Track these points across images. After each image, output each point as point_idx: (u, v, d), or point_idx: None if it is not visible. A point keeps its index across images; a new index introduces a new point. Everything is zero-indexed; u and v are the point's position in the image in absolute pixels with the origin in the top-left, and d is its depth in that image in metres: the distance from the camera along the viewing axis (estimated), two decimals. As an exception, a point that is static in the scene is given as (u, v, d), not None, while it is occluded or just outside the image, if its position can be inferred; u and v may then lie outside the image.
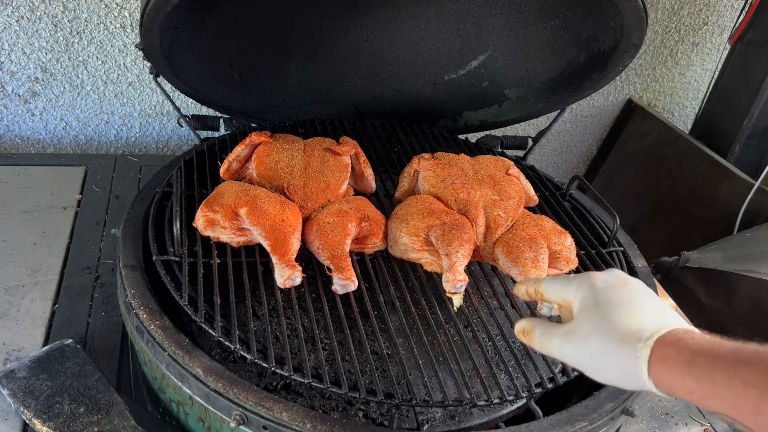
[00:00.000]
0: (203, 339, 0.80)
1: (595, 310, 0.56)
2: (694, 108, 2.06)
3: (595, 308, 0.56)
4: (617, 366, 0.53)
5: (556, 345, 0.58)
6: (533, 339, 0.61)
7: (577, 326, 0.57)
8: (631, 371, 0.52)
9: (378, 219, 0.93)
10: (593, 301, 0.57)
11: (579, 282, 0.60)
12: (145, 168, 1.42)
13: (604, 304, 0.56)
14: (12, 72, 1.40)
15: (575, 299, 0.60)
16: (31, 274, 1.06)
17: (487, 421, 0.79)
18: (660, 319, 0.54)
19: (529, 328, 0.62)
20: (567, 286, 0.61)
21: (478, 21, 1.25)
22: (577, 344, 0.56)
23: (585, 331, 0.56)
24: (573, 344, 0.57)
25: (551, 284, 0.64)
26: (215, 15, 1.11)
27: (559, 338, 0.58)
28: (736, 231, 1.58)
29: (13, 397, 0.78)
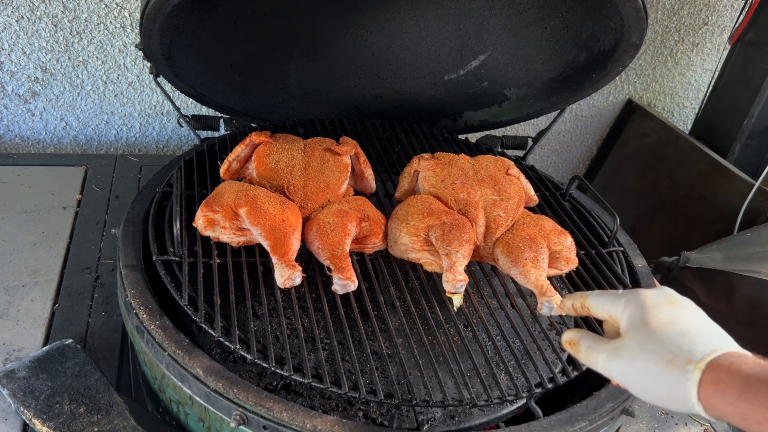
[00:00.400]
0: (203, 339, 0.81)
1: (644, 328, 0.55)
2: (694, 108, 2.06)
3: (644, 326, 0.55)
4: (665, 387, 0.52)
5: (602, 360, 0.58)
6: (579, 351, 0.61)
7: (625, 343, 0.56)
8: (679, 393, 0.51)
9: (378, 219, 0.93)
10: (642, 319, 0.56)
11: (627, 299, 0.59)
12: (145, 168, 1.42)
13: (654, 322, 0.55)
14: (12, 72, 1.40)
15: (623, 316, 0.58)
16: (31, 274, 1.06)
17: (487, 421, 0.79)
18: (712, 341, 0.53)
19: (575, 339, 0.62)
20: (614, 302, 0.60)
21: (478, 21, 1.25)
22: (623, 361, 0.56)
23: (633, 349, 0.55)
24: (619, 361, 0.56)
25: (598, 299, 0.62)
26: (215, 15, 1.11)
27: (605, 353, 0.57)
28: (736, 231, 1.57)
29: (13, 397, 0.78)
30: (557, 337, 0.88)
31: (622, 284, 0.95)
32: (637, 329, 0.56)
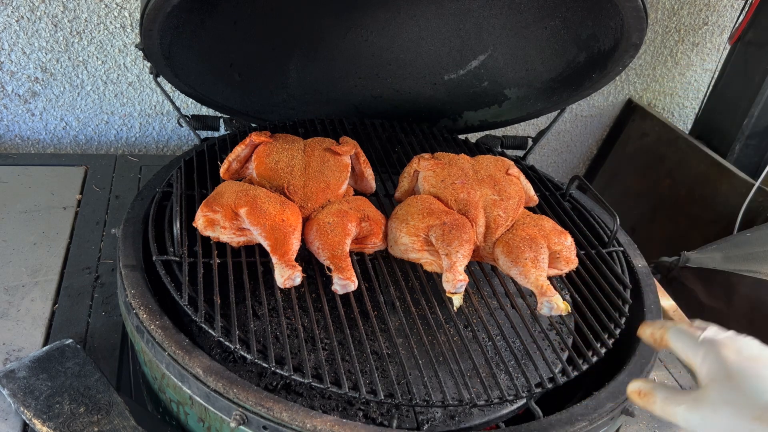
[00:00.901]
0: (203, 339, 0.81)
1: (727, 382, 0.55)
2: (694, 108, 2.06)
3: (727, 380, 0.55)
4: None
5: (681, 413, 0.57)
6: (653, 403, 0.60)
7: (707, 396, 0.55)
8: None
9: (378, 219, 0.93)
10: (724, 372, 0.55)
11: (707, 350, 0.58)
12: (145, 168, 1.42)
13: (738, 376, 0.54)
14: (12, 72, 1.40)
15: (702, 367, 0.58)
16: (31, 274, 1.06)
17: (487, 421, 0.79)
18: None
19: (647, 390, 0.61)
20: (694, 350, 0.59)
21: (478, 21, 1.25)
22: (705, 415, 0.55)
23: (716, 403, 0.54)
24: (701, 415, 0.55)
25: (679, 338, 0.62)
26: (215, 15, 1.11)
27: (684, 406, 0.57)
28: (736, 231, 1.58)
29: (13, 397, 0.78)
30: (557, 337, 0.89)
31: (622, 284, 0.95)
32: (720, 382, 0.55)
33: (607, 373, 0.85)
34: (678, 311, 1.16)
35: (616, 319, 0.88)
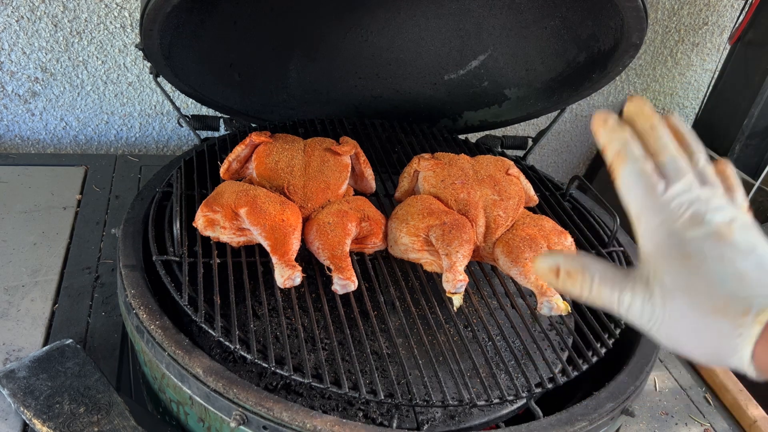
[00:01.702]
0: (203, 339, 0.81)
1: (683, 262, 0.42)
2: (694, 108, 2.06)
3: (682, 259, 0.42)
4: (707, 340, 0.42)
5: (624, 300, 0.45)
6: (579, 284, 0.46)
7: (656, 278, 0.43)
8: (726, 349, 0.41)
9: (378, 219, 0.93)
10: (680, 250, 0.43)
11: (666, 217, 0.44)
12: (145, 168, 1.42)
13: (697, 256, 0.42)
14: (12, 72, 1.40)
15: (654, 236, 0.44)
16: (31, 274, 1.06)
17: (487, 421, 0.79)
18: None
19: (575, 269, 0.47)
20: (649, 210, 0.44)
21: (478, 21, 1.25)
22: (653, 302, 0.43)
23: (666, 287, 0.43)
24: (647, 301, 0.44)
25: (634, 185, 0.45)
26: (215, 15, 1.11)
27: (627, 291, 0.45)
28: (736, 231, 1.57)
29: (13, 397, 0.78)
30: (557, 337, 0.89)
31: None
32: (673, 261, 0.43)
33: (607, 373, 0.85)
34: None
35: (616, 319, 0.89)
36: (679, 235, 0.43)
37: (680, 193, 0.44)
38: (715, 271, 0.42)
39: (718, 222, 0.43)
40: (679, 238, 0.43)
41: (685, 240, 0.43)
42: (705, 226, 0.43)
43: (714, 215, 0.43)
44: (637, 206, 0.45)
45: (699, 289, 0.42)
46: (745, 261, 0.42)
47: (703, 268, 0.42)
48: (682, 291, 0.42)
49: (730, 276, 0.41)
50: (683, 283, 0.42)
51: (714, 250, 0.42)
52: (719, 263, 0.42)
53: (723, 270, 0.41)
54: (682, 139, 0.47)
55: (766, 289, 0.41)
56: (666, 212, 0.44)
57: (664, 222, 0.44)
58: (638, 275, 0.45)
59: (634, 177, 0.45)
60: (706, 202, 0.44)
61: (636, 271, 0.45)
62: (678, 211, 0.43)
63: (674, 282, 0.43)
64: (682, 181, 0.44)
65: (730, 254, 0.42)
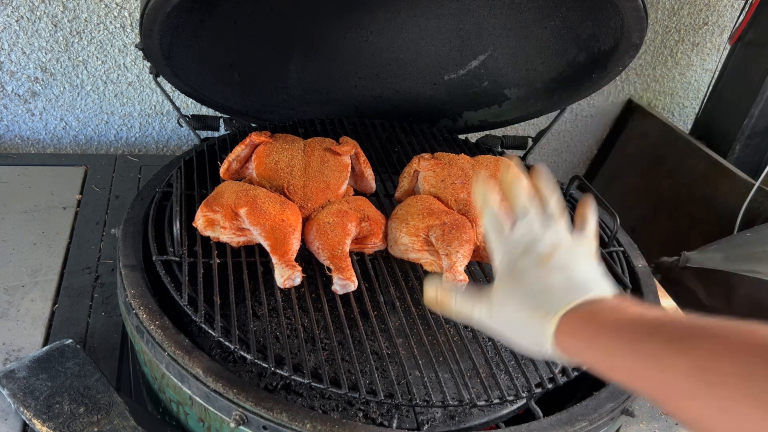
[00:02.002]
0: (203, 339, 0.81)
1: (512, 282, 0.58)
2: (694, 108, 2.06)
3: (512, 281, 0.58)
4: (527, 336, 0.56)
5: (475, 312, 0.60)
6: (450, 305, 0.62)
7: (494, 296, 0.59)
8: (538, 343, 0.55)
9: (378, 219, 0.93)
10: (511, 275, 0.58)
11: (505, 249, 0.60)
12: (145, 168, 1.42)
13: (520, 280, 0.57)
14: (12, 72, 1.40)
15: (499, 265, 0.60)
16: (31, 274, 1.06)
17: (487, 421, 0.79)
18: (574, 292, 0.54)
19: (443, 295, 0.63)
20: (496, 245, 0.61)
21: (478, 21, 1.25)
22: (492, 313, 0.59)
23: (501, 301, 0.58)
24: (488, 313, 0.59)
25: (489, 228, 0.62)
26: (215, 15, 1.11)
27: (476, 305, 0.60)
28: (736, 231, 1.57)
29: (13, 397, 0.78)
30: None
31: (622, 284, 0.95)
32: (505, 281, 0.59)
33: (607, 373, 0.84)
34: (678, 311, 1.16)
35: (616, 319, 0.88)
36: (514, 263, 0.59)
37: (519, 233, 0.60)
38: (530, 288, 0.56)
39: (540, 251, 0.58)
40: (513, 265, 0.59)
41: (516, 266, 0.58)
42: (531, 255, 0.58)
43: (540, 246, 0.58)
44: (490, 244, 0.62)
45: (518, 303, 0.56)
46: (555, 278, 0.56)
47: (524, 285, 0.57)
48: (508, 304, 0.57)
49: (540, 290, 0.56)
50: (509, 299, 0.57)
51: (533, 274, 0.57)
52: (535, 281, 0.56)
53: (535, 287, 0.56)
54: (539, 188, 0.63)
55: (563, 297, 0.54)
56: (507, 247, 0.60)
57: (505, 254, 0.60)
58: (485, 294, 0.60)
59: (489, 223, 0.62)
60: (541, 237, 0.59)
61: (486, 292, 0.60)
62: (516, 246, 0.59)
63: (503, 298, 0.58)
64: (524, 222, 0.60)
65: (544, 274, 0.57)
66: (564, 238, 0.60)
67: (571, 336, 0.53)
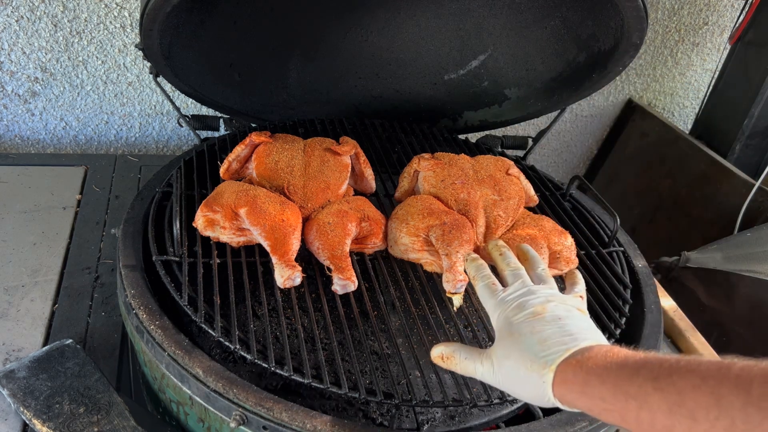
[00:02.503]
0: (203, 339, 0.80)
1: (509, 338, 0.62)
2: (694, 108, 2.06)
3: (509, 336, 0.62)
4: (528, 389, 0.59)
5: (478, 369, 0.64)
6: (456, 363, 0.66)
7: (494, 353, 0.63)
8: (540, 393, 0.57)
9: (378, 219, 0.93)
10: (508, 330, 0.62)
11: (501, 310, 0.65)
12: (145, 168, 1.42)
13: (517, 333, 0.61)
14: (12, 72, 1.40)
15: (496, 326, 0.65)
16: (31, 274, 1.06)
17: (487, 421, 0.79)
18: (566, 343, 0.58)
19: (449, 353, 0.67)
20: (492, 309, 0.67)
21: (478, 21, 1.25)
22: (494, 369, 0.62)
23: (500, 357, 0.62)
24: (491, 369, 0.63)
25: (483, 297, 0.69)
26: (215, 15, 1.11)
27: (479, 363, 0.64)
28: (736, 231, 1.58)
29: (13, 397, 0.78)
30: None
31: (622, 284, 0.95)
32: (504, 340, 0.62)
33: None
34: (678, 311, 1.16)
35: (617, 319, 0.88)
36: (509, 319, 0.63)
37: (512, 292, 0.66)
38: (526, 341, 0.60)
39: (534, 304, 0.63)
40: (509, 322, 0.63)
41: (512, 323, 0.63)
42: (526, 309, 0.63)
43: (533, 300, 0.64)
44: (487, 306, 0.67)
45: (517, 356, 0.60)
46: (550, 329, 0.60)
47: (520, 340, 0.60)
48: (508, 358, 0.61)
49: (536, 343, 0.59)
50: (508, 353, 0.61)
51: (528, 327, 0.61)
52: (530, 335, 0.60)
53: (532, 339, 0.60)
54: (526, 258, 0.74)
55: (559, 347, 0.57)
56: (502, 306, 0.65)
57: (501, 312, 0.65)
58: (486, 352, 0.64)
59: (483, 287, 0.69)
60: (534, 293, 0.65)
61: (487, 350, 0.64)
62: (510, 303, 0.65)
63: (503, 353, 0.62)
64: (517, 283, 0.67)
65: (539, 327, 0.60)
66: (556, 293, 0.66)
67: (565, 384, 0.55)
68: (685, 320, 1.14)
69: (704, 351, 1.09)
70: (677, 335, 1.13)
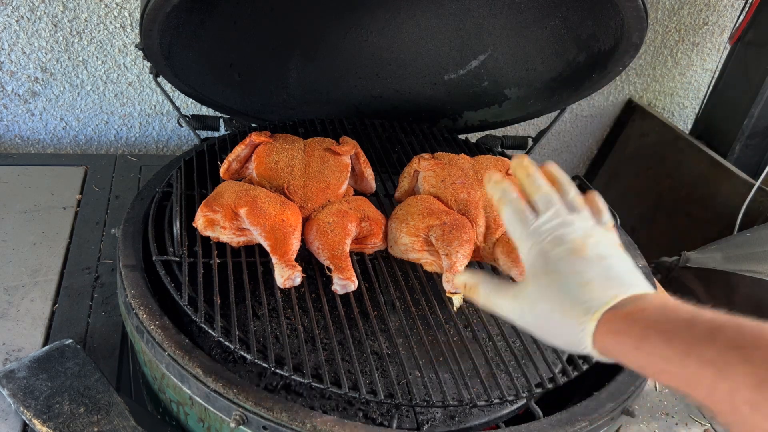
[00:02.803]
0: (203, 339, 0.80)
1: (545, 277, 0.55)
2: (694, 108, 2.06)
3: (545, 275, 0.55)
4: (562, 335, 0.53)
5: (503, 304, 0.58)
6: (477, 295, 0.60)
7: (526, 291, 0.56)
8: (575, 341, 0.52)
9: (378, 219, 0.93)
10: (544, 268, 0.55)
11: (533, 242, 0.57)
12: (145, 168, 1.42)
13: (554, 272, 0.54)
14: (12, 72, 1.40)
15: (527, 259, 0.57)
16: (31, 274, 1.06)
17: (487, 421, 0.79)
18: (615, 287, 0.51)
19: (472, 283, 0.61)
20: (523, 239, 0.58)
21: (478, 21, 1.25)
22: (523, 309, 0.56)
23: (533, 297, 0.55)
24: (520, 309, 0.57)
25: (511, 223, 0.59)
26: (215, 15, 1.11)
27: (507, 300, 0.58)
28: (736, 231, 1.57)
29: (13, 397, 0.78)
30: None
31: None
32: (539, 278, 0.55)
33: (607, 373, 0.85)
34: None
35: (616, 319, 0.88)
36: (545, 254, 0.55)
37: (547, 221, 0.57)
38: (566, 283, 0.53)
39: (574, 238, 0.55)
40: (545, 256, 0.55)
41: (549, 257, 0.55)
42: (564, 244, 0.55)
43: (572, 234, 0.56)
44: (516, 236, 0.59)
45: (553, 298, 0.54)
46: (593, 271, 0.53)
47: (558, 280, 0.54)
48: (542, 300, 0.55)
49: (576, 285, 0.53)
50: (543, 293, 0.55)
51: (568, 265, 0.54)
52: (570, 275, 0.53)
53: (572, 281, 0.53)
54: (555, 180, 0.61)
55: (604, 293, 0.51)
56: (535, 237, 0.57)
57: (534, 245, 0.57)
58: (515, 288, 0.58)
59: (511, 214, 0.59)
60: (570, 224, 0.56)
61: (516, 285, 0.58)
62: (544, 235, 0.56)
63: (537, 293, 0.55)
64: (550, 211, 0.58)
65: (580, 266, 0.53)
66: (594, 226, 0.58)
67: (614, 336, 0.49)
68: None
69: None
70: (677, 335, 1.13)
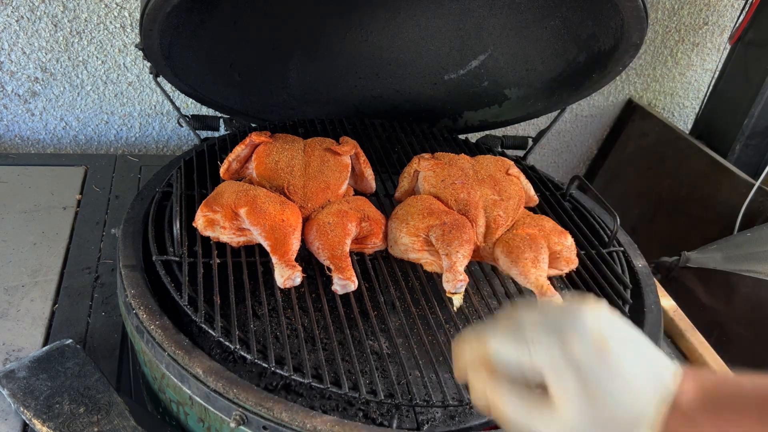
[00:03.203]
0: (203, 339, 0.80)
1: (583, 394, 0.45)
2: (694, 108, 2.06)
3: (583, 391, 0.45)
4: None
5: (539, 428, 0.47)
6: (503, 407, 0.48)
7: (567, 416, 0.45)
8: None
9: (378, 219, 0.93)
10: (574, 377, 0.45)
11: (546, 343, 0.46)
12: (145, 168, 1.42)
13: (593, 383, 0.45)
14: (12, 72, 1.40)
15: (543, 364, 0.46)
16: (31, 274, 1.06)
17: (487, 420, 0.79)
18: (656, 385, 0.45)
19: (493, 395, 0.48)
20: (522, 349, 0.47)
21: (478, 21, 1.25)
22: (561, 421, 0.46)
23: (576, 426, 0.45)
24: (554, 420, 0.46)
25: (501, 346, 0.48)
26: (215, 15, 1.11)
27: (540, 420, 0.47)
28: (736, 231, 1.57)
29: (13, 397, 0.78)
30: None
31: (622, 284, 0.95)
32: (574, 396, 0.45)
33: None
34: (678, 311, 1.16)
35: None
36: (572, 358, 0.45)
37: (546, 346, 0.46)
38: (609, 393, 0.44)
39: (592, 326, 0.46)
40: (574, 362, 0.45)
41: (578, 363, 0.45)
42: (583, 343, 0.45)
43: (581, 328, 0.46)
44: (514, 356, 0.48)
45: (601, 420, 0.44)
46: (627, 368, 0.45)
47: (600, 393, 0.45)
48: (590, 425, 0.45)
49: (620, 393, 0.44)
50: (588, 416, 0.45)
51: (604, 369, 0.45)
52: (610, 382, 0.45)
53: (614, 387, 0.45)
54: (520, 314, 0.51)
55: (648, 394, 0.44)
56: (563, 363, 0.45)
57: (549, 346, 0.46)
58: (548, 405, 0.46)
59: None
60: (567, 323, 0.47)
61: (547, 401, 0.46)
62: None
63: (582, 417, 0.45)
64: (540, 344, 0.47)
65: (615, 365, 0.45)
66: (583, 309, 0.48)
67: None
68: (685, 320, 1.14)
69: (704, 351, 1.09)
70: (677, 335, 1.13)
